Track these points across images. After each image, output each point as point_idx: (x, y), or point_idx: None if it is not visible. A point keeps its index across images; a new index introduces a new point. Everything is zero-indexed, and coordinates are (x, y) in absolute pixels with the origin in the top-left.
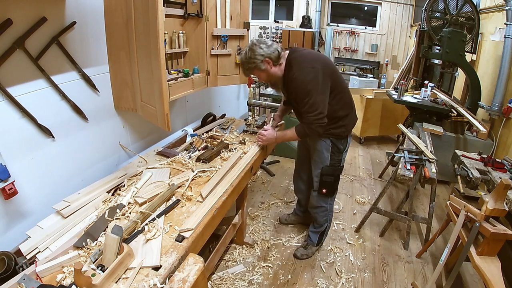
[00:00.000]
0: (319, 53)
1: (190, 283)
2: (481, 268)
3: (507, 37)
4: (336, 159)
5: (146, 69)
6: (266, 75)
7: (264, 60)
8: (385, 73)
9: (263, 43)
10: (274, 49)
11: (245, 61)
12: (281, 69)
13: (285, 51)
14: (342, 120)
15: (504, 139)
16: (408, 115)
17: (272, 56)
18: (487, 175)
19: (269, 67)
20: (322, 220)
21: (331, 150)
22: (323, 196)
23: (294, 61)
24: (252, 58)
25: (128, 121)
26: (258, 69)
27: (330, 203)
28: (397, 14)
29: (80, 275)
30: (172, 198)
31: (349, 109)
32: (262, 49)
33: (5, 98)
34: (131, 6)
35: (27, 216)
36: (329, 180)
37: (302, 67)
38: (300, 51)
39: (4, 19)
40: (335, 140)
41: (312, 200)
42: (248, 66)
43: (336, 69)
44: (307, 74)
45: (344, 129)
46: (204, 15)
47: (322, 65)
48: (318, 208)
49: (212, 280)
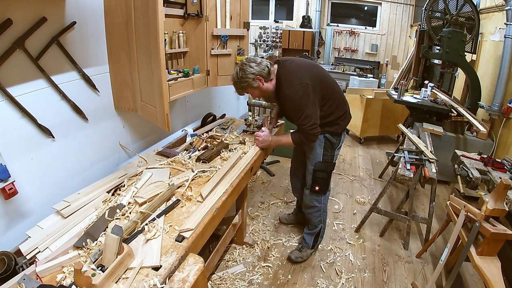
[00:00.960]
0: (306, 63)
1: (190, 283)
2: (481, 268)
3: (507, 37)
4: (328, 155)
5: (146, 69)
6: (259, 91)
7: (255, 78)
8: (385, 73)
9: (252, 61)
10: (264, 66)
11: (237, 80)
12: (273, 83)
13: (274, 66)
14: (336, 120)
15: (504, 139)
16: (408, 115)
17: (262, 73)
18: (487, 175)
19: (261, 84)
20: (316, 221)
21: (324, 146)
22: (315, 194)
23: (284, 78)
24: (244, 78)
25: (128, 121)
26: (251, 87)
27: (323, 203)
28: (397, 14)
29: (80, 275)
30: (172, 198)
31: (342, 110)
32: (253, 67)
33: (5, 98)
34: (131, 6)
35: (27, 216)
36: (322, 177)
37: (292, 84)
38: (288, 66)
39: (4, 19)
40: (329, 136)
41: (305, 200)
42: (241, 85)
43: (325, 74)
44: (297, 91)
45: (338, 127)
46: (204, 15)
47: (311, 77)
48: (312, 208)
49: (212, 280)
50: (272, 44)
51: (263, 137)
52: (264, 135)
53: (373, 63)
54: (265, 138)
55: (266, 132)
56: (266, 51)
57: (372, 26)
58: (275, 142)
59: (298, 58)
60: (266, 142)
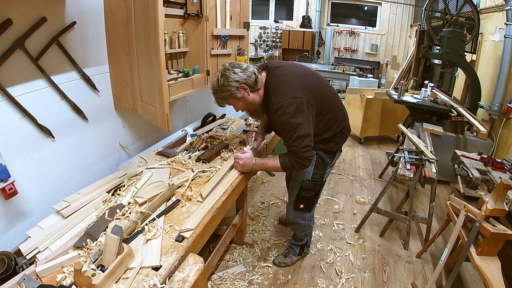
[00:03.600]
0: (300, 71)
1: (190, 283)
2: (481, 268)
3: (507, 37)
4: (319, 174)
5: (146, 69)
6: (243, 103)
7: (240, 87)
8: (385, 73)
9: (237, 66)
10: (251, 73)
11: (217, 89)
12: (260, 94)
13: (262, 73)
14: (332, 138)
15: (504, 139)
16: (408, 115)
17: (248, 81)
18: (487, 175)
19: (246, 94)
20: (302, 235)
21: (315, 164)
22: (300, 212)
23: (273, 89)
24: (226, 86)
25: (128, 121)
26: (234, 97)
27: (308, 219)
28: (397, 14)
29: (80, 275)
30: (172, 198)
31: (340, 126)
32: (237, 73)
33: (5, 98)
34: (131, 6)
35: (27, 216)
36: (309, 196)
37: (282, 97)
38: (279, 75)
39: (4, 19)
40: (322, 154)
41: (288, 215)
42: (222, 95)
43: (323, 84)
44: (288, 106)
45: (333, 145)
46: (204, 15)
47: (306, 88)
48: (296, 225)
49: (212, 280)
50: (272, 44)
51: (245, 160)
52: (246, 157)
53: (373, 63)
54: (246, 161)
55: (249, 154)
56: (266, 51)
57: (372, 26)
58: (260, 166)
59: (291, 63)
60: (248, 165)
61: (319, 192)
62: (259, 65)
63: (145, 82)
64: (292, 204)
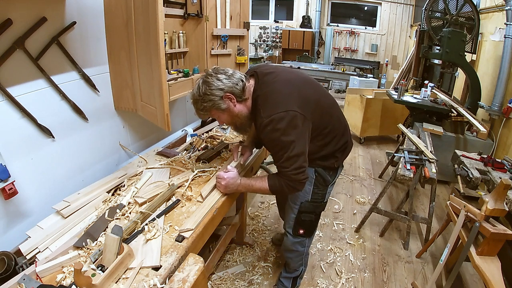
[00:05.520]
0: (295, 79)
1: (190, 283)
2: (481, 268)
3: (507, 37)
4: (319, 193)
5: (146, 69)
6: (228, 116)
7: (224, 96)
8: (385, 73)
9: (221, 73)
10: (237, 80)
11: (197, 98)
12: (248, 105)
13: (250, 80)
14: (333, 153)
15: (504, 139)
16: (408, 115)
17: (235, 90)
18: (487, 175)
19: (232, 105)
20: (297, 265)
21: (314, 183)
22: (299, 238)
23: (262, 101)
24: (208, 95)
25: (128, 121)
26: (217, 108)
27: (307, 246)
28: (397, 14)
29: (80, 275)
30: (172, 198)
31: (341, 141)
32: (221, 80)
33: (5, 98)
34: (131, 6)
35: (27, 216)
36: (309, 219)
37: (273, 110)
38: (270, 83)
39: (4, 19)
40: (322, 171)
41: (286, 242)
42: (203, 105)
43: (321, 94)
44: (279, 121)
45: (334, 161)
46: (204, 15)
47: (302, 100)
48: (293, 253)
49: (212, 280)
50: (272, 44)
51: (228, 180)
52: (229, 177)
53: (373, 63)
54: (230, 181)
55: (233, 173)
56: (266, 51)
57: (372, 26)
58: (245, 187)
59: (283, 69)
60: (232, 186)
61: (319, 215)
62: (247, 70)
63: (145, 82)
64: (290, 229)
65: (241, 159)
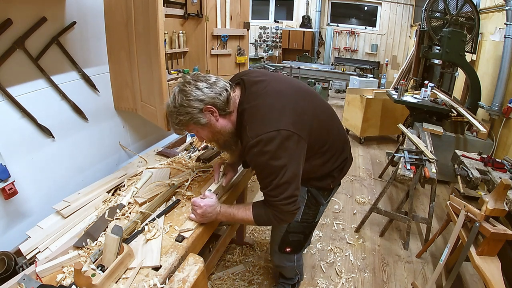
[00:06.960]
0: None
1: (190, 283)
2: (481, 268)
3: (507, 37)
4: (310, 214)
5: (146, 69)
6: (208, 132)
7: (205, 109)
8: (385, 73)
9: (202, 80)
10: (221, 89)
11: (173, 110)
12: (232, 120)
13: (235, 90)
14: (330, 173)
15: (504, 139)
16: (408, 115)
17: (217, 101)
18: (487, 175)
19: (214, 120)
20: (292, 275)
21: (305, 203)
22: (286, 255)
23: (249, 117)
24: (185, 106)
25: (128, 121)
26: (196, 123)
27: (296, 260)
28: (397, 14)
29: (80, 275)
30: (172, 198)
31: (340, 159)
32: (201, 89)
33: (5, 98)
34: (131, 6)
35: (27, 216)
36: (297, 239)
37: (261, 129)
38: (258, 94)
39: (4, 19)
40: (315, 192)
41: (273, 258)
42: (179, 119)
43: (316, 102)
44: (268, 142)
45: (331, 181)
46: (204, 15)
47: (297, 115)
48: (282, 268)
49: (212, 280)
50: (272, 44)
51: (205, 208)
52: (207, 204)
53: (373, 63)
54: (207, 209)
55: (211, 200)
56: (266, 51)
57: (372, 26)
58: (226, 216)
59: (274, 75)
60: (210, 215)
61: (310, 234)
62: (232, 77)
63: (145, 82)
64: (276, 246)
65: (223, 180)
